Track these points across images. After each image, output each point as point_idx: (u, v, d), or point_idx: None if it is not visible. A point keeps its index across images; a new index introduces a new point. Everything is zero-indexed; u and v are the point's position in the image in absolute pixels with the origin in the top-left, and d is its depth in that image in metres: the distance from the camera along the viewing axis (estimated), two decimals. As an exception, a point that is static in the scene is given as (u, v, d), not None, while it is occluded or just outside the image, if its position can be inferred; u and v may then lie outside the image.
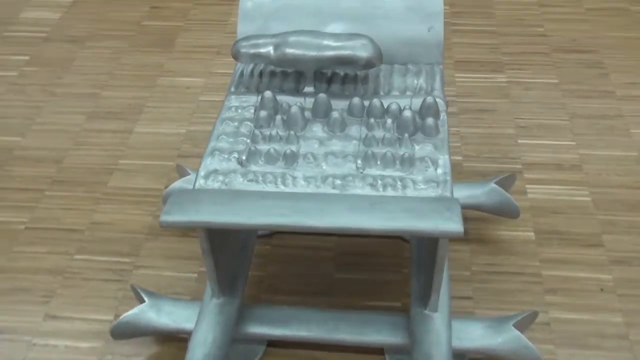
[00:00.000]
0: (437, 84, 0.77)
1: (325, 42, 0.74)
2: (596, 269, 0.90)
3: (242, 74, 0.81)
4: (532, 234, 0.95)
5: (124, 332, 0.80)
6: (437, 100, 0.74)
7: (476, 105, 1.17)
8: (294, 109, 0.71)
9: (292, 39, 0.75)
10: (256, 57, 0.76)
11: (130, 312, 0.79)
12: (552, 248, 0.93)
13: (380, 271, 0.90)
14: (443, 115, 0.73)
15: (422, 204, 0.58)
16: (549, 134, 1.11)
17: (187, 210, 0.57)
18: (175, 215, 0.56)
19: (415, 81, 0.78)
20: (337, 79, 0.78)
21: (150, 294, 0.81)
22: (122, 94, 1.24)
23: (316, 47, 0.74)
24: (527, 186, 1.02)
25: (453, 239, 0.94)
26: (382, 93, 0.77)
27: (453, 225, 0.55)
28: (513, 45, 1.31)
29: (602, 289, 0.88)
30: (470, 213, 0.97)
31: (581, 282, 0.89)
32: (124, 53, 1.34)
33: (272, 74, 0.79)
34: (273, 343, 0.82)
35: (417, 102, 0.74)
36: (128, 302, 0.88)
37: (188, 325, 0.78)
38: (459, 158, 1.07)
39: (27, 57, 1.34)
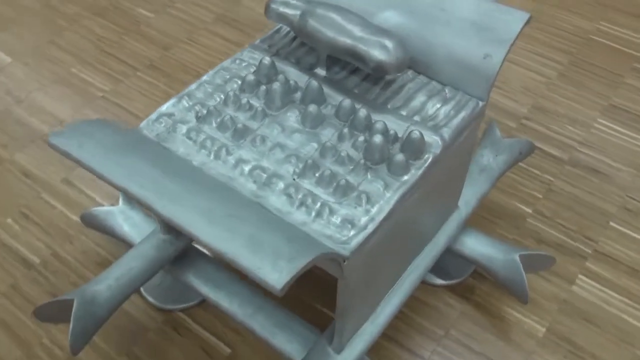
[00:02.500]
0: (456, 121, 0.65)
1: (349, 28, 0.66)
2: (584, 406, 0.74)
3: (278, 31, 0.75)
4: (544, 330, 0.79)
5: (90, 223, 0.84)
6: (431, 137, 0.63)
7: (594, 163, 0.98)
8: (275, 86, 0.65)
9: (319, 11, 0.67)
10: (282, 18, 0.70)
11: (102, 208, 0.83)
12: (553, 356, 0.77)
13: (347, 285, 0.83)
14: (428, 157, 0.62)
15: (276, 240, 0.50)
16: (650, 231, 0.90)
17: (73, 141, 0.56)
18: (59, 139, 0.56)
19: (436, 107, 0.67)
20: (360, 73, 0.70)
21: (130, 201, 0.84)
22: (260, 7, 1.24)
23: (336, 30, 0.66)
24: (580, 277, 0.84)
25: (434, 288, 0.83)
26: (389, 106, 0.67)
27: (274, 277, 0.47)
28: (690, 114, 1.05)
29: None
30: (490, 274, 0.84)
31: (555, 410, 0.73)
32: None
33: (303, 42, 0.73)
34: (211, 299, 0.81)
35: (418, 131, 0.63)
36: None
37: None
38: (528, 210, 0.92)
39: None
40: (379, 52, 0.64)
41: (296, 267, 0.48)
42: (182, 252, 0.77)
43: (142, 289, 0.83)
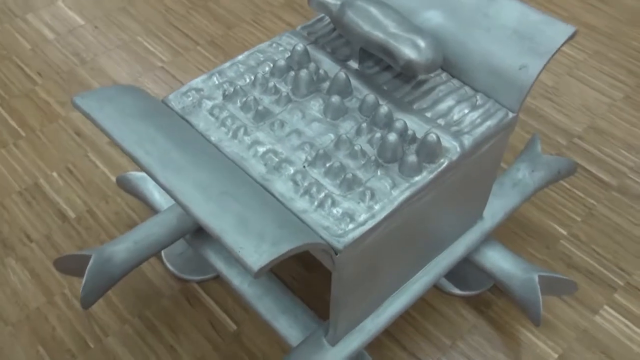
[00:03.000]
0: (480, 130, 0.64)
1: (385, 23, 0.65)
2: None
3: (320, 19, 0.75)
4: (556, 356, 0.77)
5: (124, 186, 0.87)
6: (451, 143, 0.62)
7: (644, 193, 0.93)
8: (303, 73, 0.66)
9: (359, 3, 0.67)
10: (323, 7, 0.70)
11: (137, 173, 0.86)
12: (561, 384, 0.75)
13: (361, 280, 0.82)
14: (443, 162, 0.61)
15: (265, 223, 0.51)
16: (691, 272, 0.84)
17: (95, 103, 0.58)
18: (83, 100, 0.58)
19: (463, 113, 0.65)
20: (393, 70, 0.69)
21: (163, 170, 0.86)
22: (328, -4, 1.24)
23: (372, 24, 0.66)
24: (605, 307, 0.81)
25: (450, 296, 0.82)
26: (415, 106, 0.66)
27: (253, 259, 0.48)
28: None
29: None
30: (510, 291, 0.81)
31: None
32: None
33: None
34: (227, 275, 0.82)
35: (436, 134, 0.62)
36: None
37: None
38: (563, 232, 0.88)
39: None
40: (410, 50, 0.63)
41: (278, 251, 0.48)
42: (202, 225, 0.79)
43: (163, 257, 0.86)
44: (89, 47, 1.13)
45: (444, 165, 0.61)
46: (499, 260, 0.78)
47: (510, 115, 0.66)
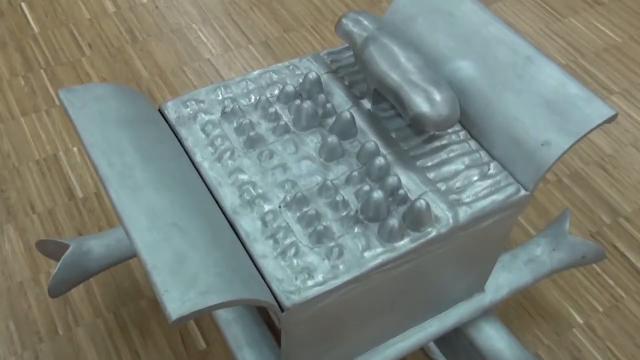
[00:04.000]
0: (482, 203, 0.57)
1: (405, 67, 0.60)
2: None
3: (348, 48, 0.70)
4: None
5: (131, 177, 0.85)
6: (444, 213, 0.56)
7: (683, 295, 0.83)
8: (306, 104, 0.61)
9: (383, 40, 0.62)
10: (348, 37, 0.65)
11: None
12: None
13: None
14: (430, 232, 0.55)
15: (204, 266, 0.47)
16: None
17: (78, 100, 0.56)
18: (67, 94, 0.56)
19: (468, 180, 0.59)
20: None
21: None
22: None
23: (390, 66, 0.60)
24: (605, 416, 0.73)
25: None
26: (418, 163, 0.60)
27: (174, 306, 0.44)
28: None
29: None
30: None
31: None
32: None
33: (368, 66, 0.68)
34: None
35: (426, 201, 0.56)
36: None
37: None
38: (579, 320, 0.80)
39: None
40: (422, 102, 0.58)
41: (204, 303, 0.44)
42: (193, 235, 0.76)
43: (154, 256, 0.83)
44: (144, 26, 1.13)
45: (430, 236, 0.55)
46: (492, 339, 0.72)
47: (522, 193, 0.59)
